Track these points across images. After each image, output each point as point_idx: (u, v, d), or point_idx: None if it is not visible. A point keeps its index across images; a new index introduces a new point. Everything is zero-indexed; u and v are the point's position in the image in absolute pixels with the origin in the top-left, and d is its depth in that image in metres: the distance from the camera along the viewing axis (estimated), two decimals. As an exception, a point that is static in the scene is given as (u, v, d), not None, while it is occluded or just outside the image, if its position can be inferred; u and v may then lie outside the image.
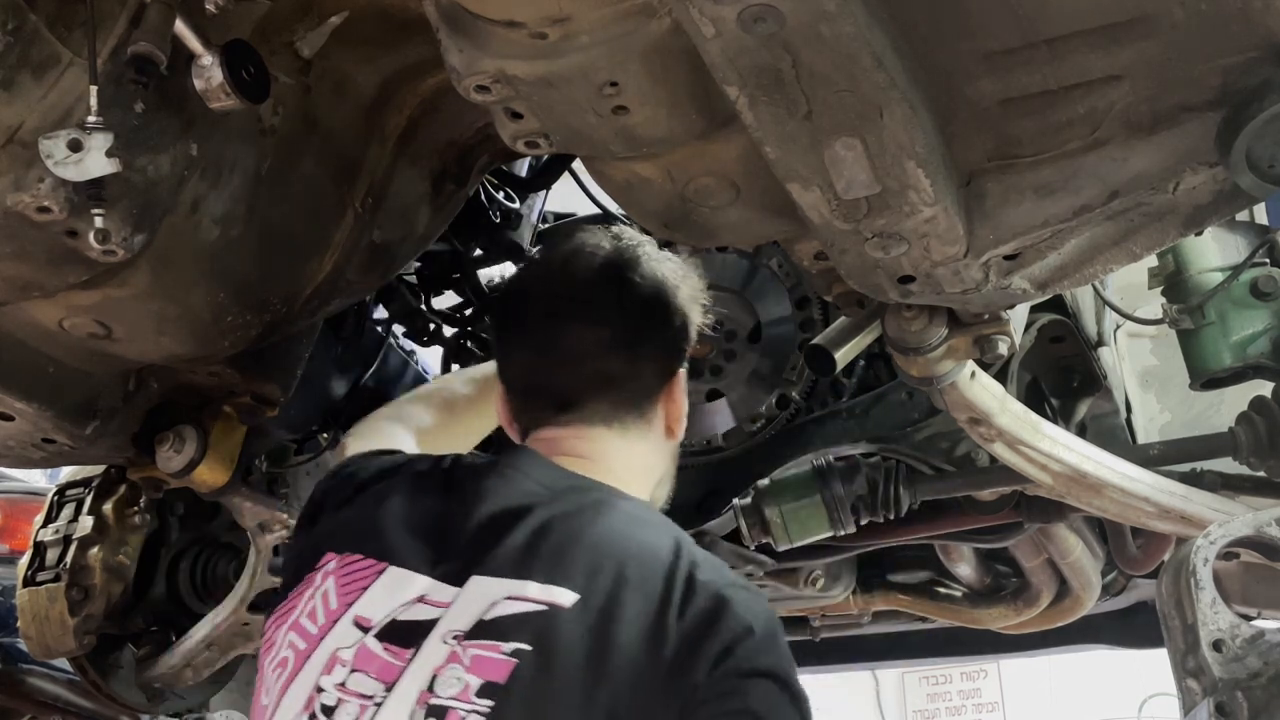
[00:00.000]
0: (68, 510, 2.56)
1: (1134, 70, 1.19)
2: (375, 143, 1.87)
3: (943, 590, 2.98)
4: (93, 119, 1.31)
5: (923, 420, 2.23)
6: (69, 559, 2.48)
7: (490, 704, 1.13)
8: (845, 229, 1.30)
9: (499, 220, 2.69)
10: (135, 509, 2.55)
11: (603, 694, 1.13)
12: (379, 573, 1.27)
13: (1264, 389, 2.12)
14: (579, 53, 1.20)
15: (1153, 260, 2.25)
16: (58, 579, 2.47)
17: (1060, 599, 2.84)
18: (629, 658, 1.14)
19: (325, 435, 2.63)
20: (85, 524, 2.50)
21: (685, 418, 1.52)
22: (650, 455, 1.49)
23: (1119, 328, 2.50)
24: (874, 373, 2.42)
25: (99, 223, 1.40)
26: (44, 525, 2.57)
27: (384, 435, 1.68)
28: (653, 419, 1.47)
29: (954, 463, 2.21)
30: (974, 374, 1.73)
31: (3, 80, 1.31)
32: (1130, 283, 2.45)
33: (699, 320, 1.53)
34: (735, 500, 2.30)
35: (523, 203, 2.74)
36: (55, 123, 1.35)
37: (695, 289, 1.53)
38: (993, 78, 1.21)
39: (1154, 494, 2.03)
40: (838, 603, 2.88)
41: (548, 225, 2.97)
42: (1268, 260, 2.17)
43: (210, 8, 1.44)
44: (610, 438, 1.43)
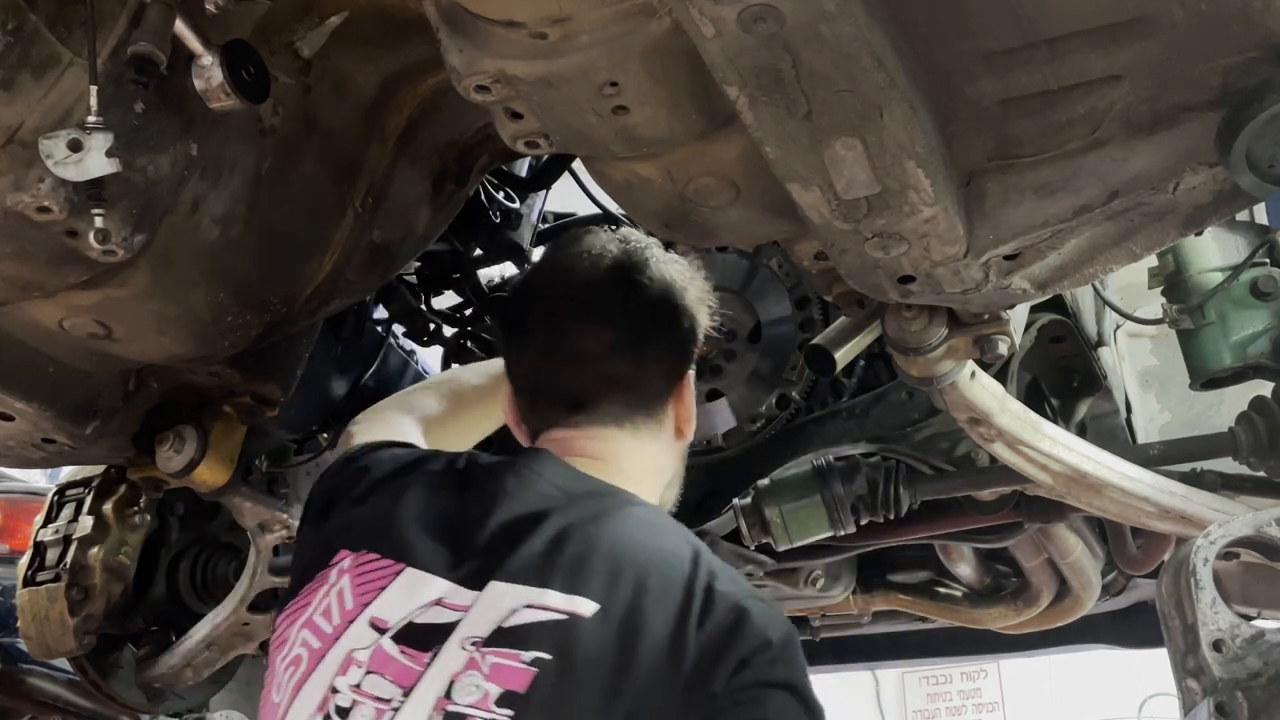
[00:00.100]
0: (68, 510, 2.56)
1: (1134, 70, 1.19)
2: (375, 143, 1.87)
3: (943, 590, 2.98)
4: (93, 119, 1.31)
5: (923, 420, 2.23)
6: (69, 559, 2.48)
7: (510, 713, 1.13)
8: (845, 229, 1.30)
9: (499, 220, 2.69)
10: (135, 509, 2.55)
11: (622, 704, 1.13)
12: (396, 574, 1.27)
13: (1264, 389, 2.11)
14: (579, 53, 1.20)
15: (1153, 260, 2.25)
16: (58, 579, 2.47)
17: (1060, 599, 2.84)
18: (649, 668, 1.15)
19: (325, 435, 2.63)
20: (85, 524, 2.50)
21: (694, 419, 1.52)
22: (661, 456, 1.49)
23: (1119, 328, 2.50)
24: (874, 373, 2.42)
25: (99, 223, 1.40)
26: (44, 525, 2.57)
27: (391, 426, 1.67)
28: (663, 420, 1.47)
29: (954, 463, 2.21)
30: (974, 374, 1.72)
31: (3, 80, 1.31)
32: (1130, 283, 2.45)
33: (706, 322, 1.53)
34: (735, 500, 2.30)
35: (523, 203, 2.74)
36: (55, 123, 1.34)
37: (702, 291, 1.54)
38: (993, 78, 1.21)
39: (1154, 494, 2.02)
40: (838, 603, 2.88)
41: (548, 225, 2.97)
42: (1268, 260, 2.17)
43: (210, 8, 1.44)
44: (622, 438, 1.43)
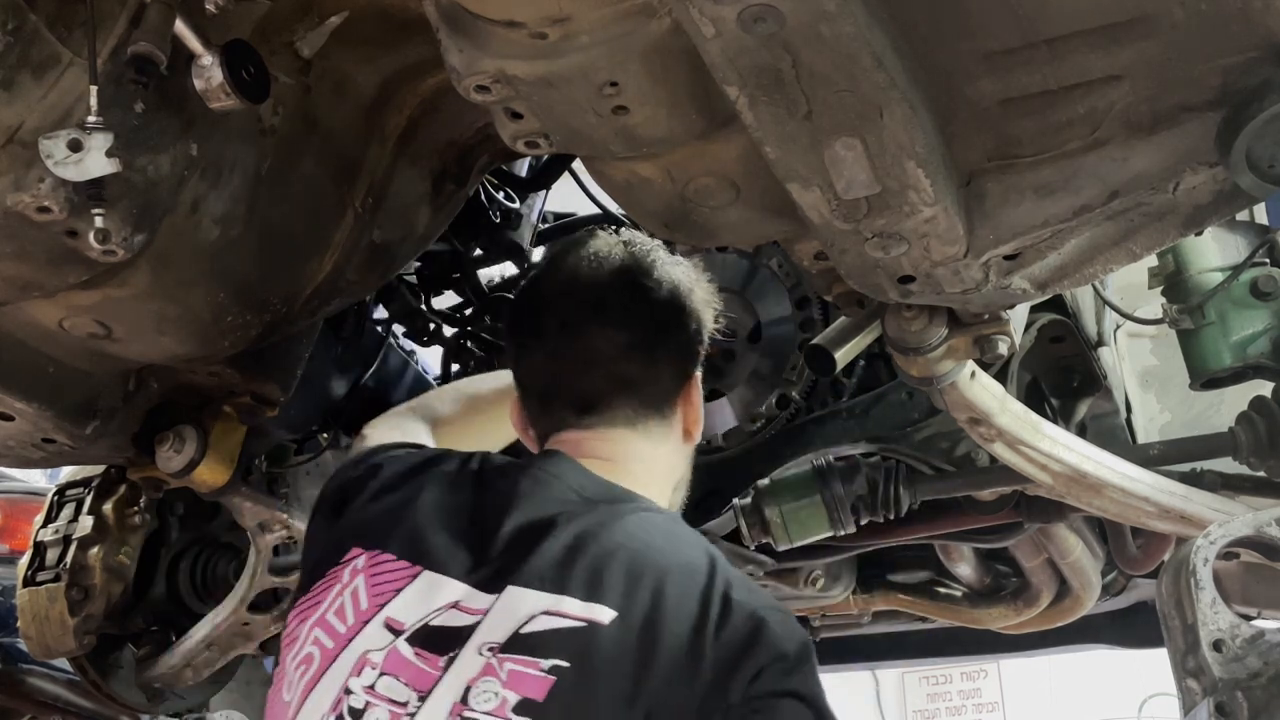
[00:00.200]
0: (68, 510, 2.56)
1: (1134, 70, 1.19)
2: (375, 143, 1.87)
3: (943, 590, 2.98)
4: (93, 119, 1.31)
5: (923, 420, 2.23)
6: (69, 559, 2.47)
7: None
8: (845, 229, 1.30)
9: (499, 220, 2.69)
10: (135, 509, 2.55)
11: (639, 713, 1.13)
12: (413, 576, 1.27)
13: (1264, 389, 2.11)
14: (579, 53, 1.20)
15: (1153, 260, 2.25)
16: (58, 579, 2.46)
17: (1060, 599, 2.84)
18: (666, 677, 1.15)
19: (325, 435, 2.63)
20: (85, 524, 2.50)
21: (702, 420, 1.52)
22: (671, 457, 1.49)
23: (1119, 328, 2.50)
24: (874, 373, 2.42)
25: (99, 223, 1.40)
26: (44, 525, 2.57)
27: (404, 431, 1.67)
28: (673, 421, 1.48)
29: (954, 463, 2.21)
30: (974, 374, 1.72)
31: (3, 80, 1.31)
32: (1130, 283, 2.45)
33: (711, 324, 1.54)
34: (735, 500, 2.30)
35: (523, 203, 2.74)
36: (55, 123, 1.34)
37: (707, 292, 1.54)
38: (993, 78, 1.21)
39: (1154, 494, 2.02)
40: (838, 603, 2.87)
41: (548, 225, 2.97)
42: (1268, 260, 2.17)
43: (210, 8, 1.44)
44: (633, 440, 1.44)
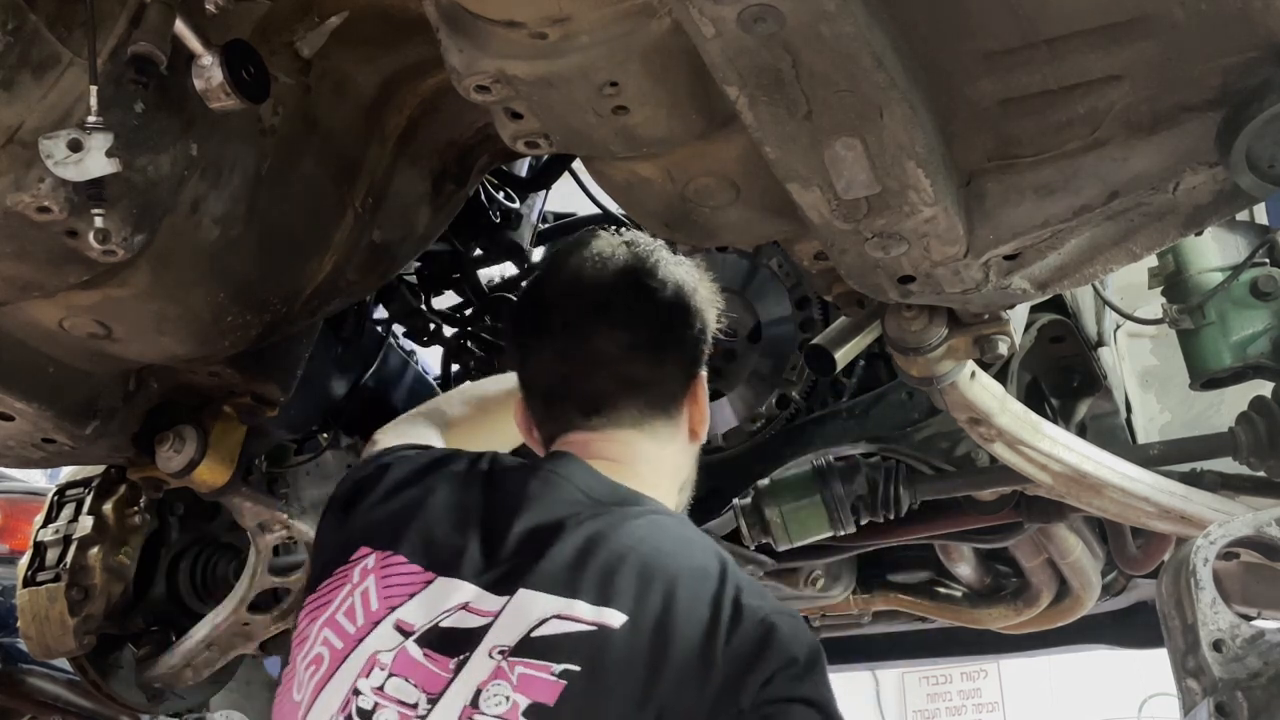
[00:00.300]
0: (68, 510, 2.56)
1: (1134, 70, 1.19)
2: (375, 143, 1.87)
3: (943, 590, 2.98)
4: (93, 119, 1.30)
5: (923, 420, 2.23)
6: (69, 559, 2.47)
7: None
8: (845, 229, 1.30)
9: (499, 220, 2.69)
10: (135, 509, 2.54)
11: (649, 717, 1.13)
12: (426, 583, 1.27)
13: (1264, 389, 2.11)
14: (579, 53, 1.20)
15: (1153, 260, 2.25)
16: (58, 579, 2.46)
17: (1060, 599, 2.84)
18: (677, 681, 1.15)
19: (325, 435, 2.63)
20: (85, 524, 2.49)
21: (708, 419, 1.53)
22: (678, 457, 1.49)
23: (1119, 328, 2.50)
24: (874, 373, 2.42)
25: (99, 223, 1.40)
26: (44, 525, 2.57)
27: (416, 435, 1.67)
28: (679, 421, 1.48)
29: (954, 463, 2.21)
30: (974, 374, 1.72)
31: (3, 80, 1.31)
32: (1130, 283, 2.45)
33: (714, 323, 1.54)
34: (735, 500, 2.30)
35: (523, 203, 2.74)
36: (55, 123, 1.34)
37: (711, 292, 1.54)
38: (993, 78, 1.21)
39: (1154, 494, 2.02)
40: (838, 603, 2.88)
41: (548, 225, 2.97)
42: (1268, 260, 2.17)
43: (210, 8, 1.44)
44: (640, 440, 1.44)
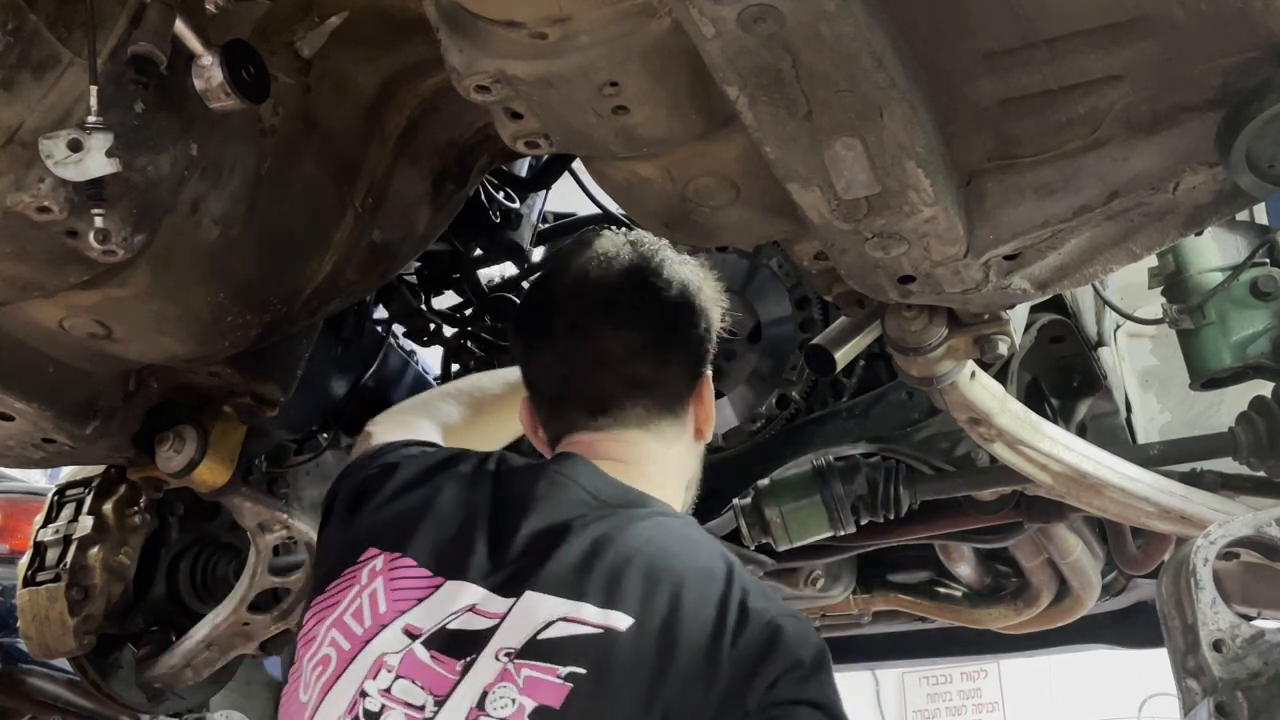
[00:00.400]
0: (68, 510, 2.56)
1: (1134, 70, 1.19)
2: (375, 143, 1.86)
3: (943, 590, 2.98)
4: (93, 119, 1.30)
5: (923, 420, 2.23)
6: (69, 559, 2.47)
7: None
8: (845, 229, 1.30)
9: (499, 220, 2.69)
10: (135, 509, 2.54)
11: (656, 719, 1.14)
12: (435, 587, 1.27)
13: (1264, 389, 2.11)
14: (579, 53, 1.20)
15: (1153, 260, 2.25)
16: (58, 579, 2.46)
17: (1060, 599, 2.84)
18: (683, 684, 1.15)
19: (325, 435, 2.63)
20: (85, 524, 2.49)
21: (714, 418, 1.53)
22: (684, 456, 1.50)
23: (1119, 328, 2.50)
24: (874, 373, 2.42)
25: (99, 223, 1.40)
26: (44, 525, 2.56)
27: (410, 428, 1.67)
28: (685, 421, 1.48)
29: (954, 463, 2.21)
30: (974, 374, 1.72)
31: (3, 80, 1.31)
32: (1130, 283, 2.45)
33: (719, 322, 1.54)
34: (735, 500, 2.30)
35: (523, 203, 2.74)
36: (55, 123, 1.34)
37: (715, 291, 1.55)
38: (993, 78, 1.21)
39: (1154, 494, 2.02)
40: (838, 603, 2.88)
41: (548, 225, 2.97)
42: (1268, 260, 2.17)
43: (210, 8, 1.44)
44: (647, 440, 1.44)
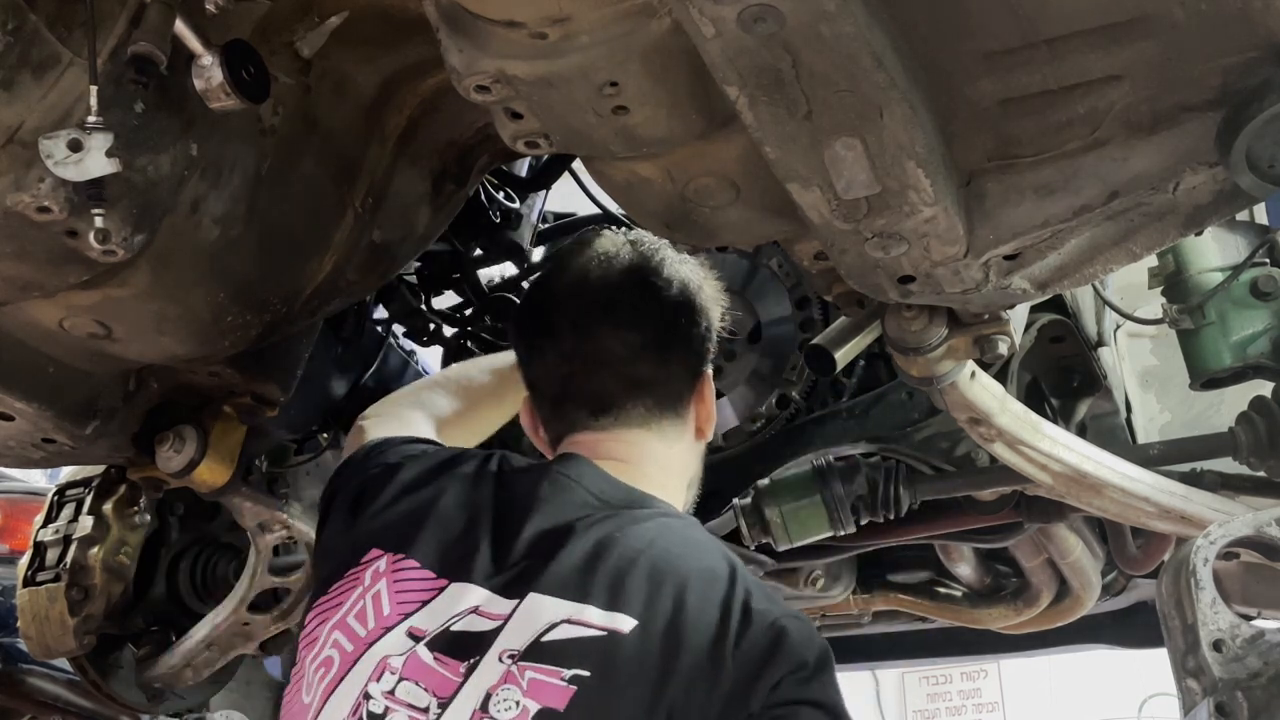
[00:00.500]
0: (68, 510, 2.56)
1: (1134, 70, 1.19)
2: (375, 143, 1.87)
3: (943, 590, 2.98)
4: (93, 119, 1.30)
5: (923, 420, 2.23)
6: (69, 559, 2.47)
7: None
8: (845, 229, 1.30)
9: (499, 220, 2.69)
10: (135, 509, 2.54)
11: None
12: (439, 590, 1.27)
13: (1264, 389, 2.11)
14: (579, 53, 1.20)
15: (1153, 260, 2.25)
16: (58, 579, 2.46)
17: (1060, 599, 2.84)
18: (686, 686, 1.15)
19: (325, 435, 2.63)
20: (85, 524, 2.49)
21: (715, 418, 1.53)
22: (685, 455, 1.50)
23: (1119, 328, 2.50)
24: (874, 373, 2.42)
25: (99, 223, 1.40)
26: (44, 525, 2.57)
27: (403, 421, 1.66)
28: (686, 419, 1.48)
29: (954, 463, 2.21)
30: (974, 374, 1.72)
31: (3, 80, 1.31)
32: (1130, 283, 2.45)
33: (719, 321, 1.54)
34: (735, 500, 2.30)
35: (523, 203, 2.74)
36: (55, 123, 1.34)
37: (715, 290, 1.55)
38: (993, 78, 1.21)
39: (1154, 494, 2.02)
40: (838, 603, 2.88)
41: (548, 225, 2.97)
42: (1268, 260, 2.17)
43: (210, 8, 1.44)
44: (649, 440, 1.44)
